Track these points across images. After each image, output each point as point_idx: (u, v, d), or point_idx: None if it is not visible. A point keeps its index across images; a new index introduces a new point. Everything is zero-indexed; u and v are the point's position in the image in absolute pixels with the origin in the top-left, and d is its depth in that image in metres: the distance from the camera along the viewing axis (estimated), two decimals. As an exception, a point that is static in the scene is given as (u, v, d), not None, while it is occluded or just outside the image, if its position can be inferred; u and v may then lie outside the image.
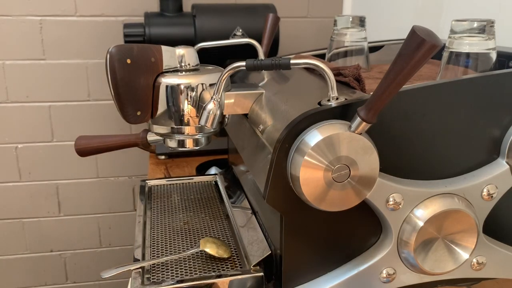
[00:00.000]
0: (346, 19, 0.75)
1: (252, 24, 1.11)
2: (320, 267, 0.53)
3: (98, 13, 1.27)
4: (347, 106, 0.47)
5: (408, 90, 0.48)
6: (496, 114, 0.51)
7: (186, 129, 0.61)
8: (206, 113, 0.54)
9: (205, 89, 0.59)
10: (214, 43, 0.75)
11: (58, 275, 1.47)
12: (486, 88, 0.51)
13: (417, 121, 0.49)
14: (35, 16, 1.24)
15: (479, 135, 0.52)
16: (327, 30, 0.80)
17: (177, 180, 0.88)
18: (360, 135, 0.44)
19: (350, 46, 0.75)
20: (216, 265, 0.60)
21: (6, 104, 1.29)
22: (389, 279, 0.53)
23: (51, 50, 1.28)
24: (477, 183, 0.52)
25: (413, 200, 0.50)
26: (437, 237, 0.50)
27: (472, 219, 0.51)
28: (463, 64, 0.56)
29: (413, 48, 0.38)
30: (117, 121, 1.35)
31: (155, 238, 0.67)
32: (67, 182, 1.39)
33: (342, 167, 0.44)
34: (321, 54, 0.83)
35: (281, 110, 0.54)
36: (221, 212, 0.76)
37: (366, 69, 0.76)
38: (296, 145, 0.45)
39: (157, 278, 0.57)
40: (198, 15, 1.10)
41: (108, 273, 0.56)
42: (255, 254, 0.59)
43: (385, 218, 0.50)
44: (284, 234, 0.51)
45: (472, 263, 0.54)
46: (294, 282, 0.53)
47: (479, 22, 0.55)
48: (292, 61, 0.49)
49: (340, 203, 0.46)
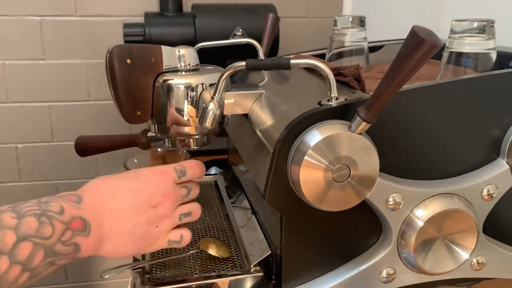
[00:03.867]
0: (346, 19, 0.75)
1: (252, 24, 1.11)
2: (320, 267, 0.53)
3: (98, 13, 1.27)
4: (347, 106, 0.47)
5: (408, 90, 0.48)
6: (496, 114, 0.51)
7: (186, 129, 0.61)
8: (206, 113, 0.54)
9: (205, 89, 0.59)
10: (214, 43, 0.75)
11: (58, 275, 1.47)
12: (486, 88, 0.51)
13: (417, 121, 0.49)
14: (35, 16, 1.24)
15: (479, 135, 0.52)
16: (327, 30, 0.80)
17: (177, 180, 0.88)
18: (360, 135, 0.44)
19: (350, 46, 0.75)
20: (216, 265, 0.60)
21: (6, 104, 1.29)
22: (389, 279, 0.53)
23: (51, 50, 1.28)
24: (477, 183, 0.52)
25: (413, 200, 0.50)
26: (437, 237, 0.50)
27: (472, 219, 0.51)
28: (463, 64, 0.56)
29: (413, 48, 0.38)
30: (117, 121, 1.35)
31: (155, 238, 0.67)
32: (67, 182, 1.39)
33: (342, 167, 0.44)
34: (321, 54, 0.83)
35: (281, 110, 0.54)
36: (221, 212, 0.76)
37: (366, 69, 0.76)
38: (296, 145, 0.45)
39: (157, 278, 0.57)
40: (198, 15, 1.10)
41: (108, 273, 0.56)
42: (255, 254, 0.59)
43: (385, 218, 0.50)
44: (284, 234, 0.51)
45: (472, 263, 0.54)
46: (294, 282, 0.53)
47: (479, 22, 0.55)
48: (292, 61, 0.49)
49: (340, 203, 0.46)
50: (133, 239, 0.48)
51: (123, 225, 0.47)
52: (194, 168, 0.53)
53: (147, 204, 0.49)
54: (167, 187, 0.50)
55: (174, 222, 0.51)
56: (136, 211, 0.48)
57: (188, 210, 0.53)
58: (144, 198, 0.49)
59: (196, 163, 0.54)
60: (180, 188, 0.52)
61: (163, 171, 0.51)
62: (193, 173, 0.53)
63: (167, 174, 0.51)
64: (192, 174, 0.53)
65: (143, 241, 0.49)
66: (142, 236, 0.49)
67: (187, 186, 0.53)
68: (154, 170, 0.51)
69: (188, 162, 0.54)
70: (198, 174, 0.54)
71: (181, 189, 0.52)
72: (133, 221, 0.48)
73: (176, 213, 0.52)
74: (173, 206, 0.51)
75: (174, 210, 0.51)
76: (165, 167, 0.52)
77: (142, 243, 0.49)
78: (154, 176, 0.50)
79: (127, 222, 0.48)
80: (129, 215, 0.48)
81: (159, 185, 0.50)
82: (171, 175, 0.51)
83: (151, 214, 0.49)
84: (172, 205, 0.51)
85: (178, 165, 0.52)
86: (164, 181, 0.50)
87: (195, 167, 0.53)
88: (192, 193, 0.54)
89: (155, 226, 0.49)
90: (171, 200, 0.50)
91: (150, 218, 0.49)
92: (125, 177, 0.51)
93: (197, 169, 0.53)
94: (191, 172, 0.53)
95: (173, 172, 0.51)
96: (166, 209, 0.50)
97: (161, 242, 0.51)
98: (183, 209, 0.52)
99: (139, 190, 0.49)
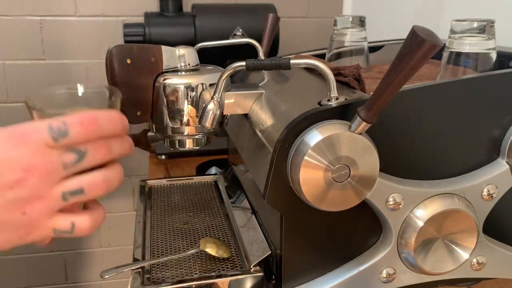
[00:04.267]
0: (346, 19, 0.75)
1: (252, 24, 1.11)
2: (320, 267, 0.53)
3: (98, 13, 1.27)
4: (347, 106, 0.47)
5: (408, 90, 0.48)
6: (496, 114, 0.51)
7: (186, 129, 0.61)
8: (206, 113, 0.54)
9: (205, 89, 0.59)
10: (214, 43, 0.75)
11: (58, 275, 1.47)
12: (486, 88, 0.51)
13: (417, 121, 0.49)
14: (35, 16, 1.24)
15: (479, 135, 0.52)
16: (327, 30, 0.80)
17: (177, 180, 0.88)
18: (360, 135, 0.44)
19: (350, 46, 0.75)
20: (216, 265, 0.60)
21: (6, 104, 1.29)
22: (389, 279, 0.53)
23: (51, 50, 1.27)
24: (477, 183, 0.52)
25: (413, 200, 0.50)
26: (437, 237, 0.50)
27: (472, 219, 0.51)
28: (463, 64, 0.56)
29: (413, 48, 0.38)
30: (117, 121, 1.35)
31: (155, 238, 0.67)
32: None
33: (342, 167, 0.44)
34: (321, 54, 0.83)
35: (281, 110, 0.54)
36: (221, 212, 0.76)
37: (366, 69, 0.76)
38: (296, 145, 0.45)
39: (157, 278, 0.57)
40: (198, 15, 1.10)
41: (108, 273, 0.56)
42: (255, 254, 0.59)
43: (385, 218, 0.50)
44: (284, 234, 0.51)
45: (472, 263, 0.54)
46: (294, 282, 0.53)
47: (479, 22, 0.55)
48: (292, 61, 0.49)
49: (340, 203, 0.46)
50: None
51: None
52: (83, 125, 0.36)
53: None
54: (32, 157, 0.35)
55: (52, 204, 0.37)
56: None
57: (77, 186, 0.37)
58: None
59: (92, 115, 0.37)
60: (61, 155, 0.36)
61: (24, 132, 0.36)
62: (82, 131, 0.36)
63: (30, 136, 0.35)
64: (81, 132, 0.36)
65: (10, 233, 0.37)
66: (5, 227, 0.37)
67: (77, 149, 0.36)
68: (10, 133, 0.36)
69: (79, 115, 0.36)
70: (92, 131, 0.36)
71: (64, 156, 0.36)
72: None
73: (56, 191, 0.37)
74: (44, 183, 0.36)
75: (51, 188, 0.36)
76: (30, 125, 0.36)
77: (10, 235, 0.37)
78: (7, 141, 0.35)
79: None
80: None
81: (15, 155, 0.35)
82: (38, 138, 0.35)
83: (9, 197, 0.35)
84: (42, 182, 0.36)
85: (56, 120, 0.36)
86: (25, 148, 0.35)
87: (85, 122, 0.36)
88: (89, 158, 0.37)
89: (21, 212, 0.36)
90: (40, 175, 0.36)
91: (8, 203, 0.36)
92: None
93: (89, 125, 0.36)
94: (78, 130, 0.36)
95: (44, 132, 0.35)
96: (31, 188, 0.36)
97: (42, 231, 0.38)
98: (70, 184, 0.37)
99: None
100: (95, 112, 0.37)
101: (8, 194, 0.35)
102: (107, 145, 0.38)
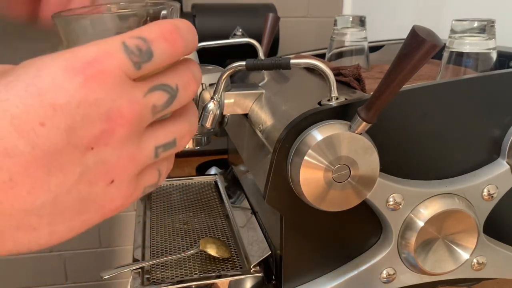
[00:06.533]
0: (346, 19, 0.75)
1: (252, 24, 1.11)
2: (320, 267, 0.53)
3: (98, 13, 1.27)
4: (347, 106, 0.47)
5: (408, 90, 0.48)
6: (496, 114, 0.51)
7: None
8: (206, 113, 0.54)
9: (205, 89, 0.59)
10: (214, 43, 0.75)
11: (58, 275, 1.47)
12: (486, 88, 0.50)
13: (417, 121, 0.49)
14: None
15: (479, 135, 0.52)
16: (327, 30, 0.80)
17: (177, 180, 0.88)
18: (360, 135, 0.44)
19: (350, 46, 0.75)
20: (216, 265, 0.60)
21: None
22: (389, 279, 0.53)
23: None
24: (477, 183, 0.52)
25: (413, 200, 0.50)
26: (438, 237, 0.50)
27: (472, 219, 0.51)
28: (464, 64, 0.56)
29: (413, 48, 0.38)
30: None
31: (155, 238, 0.67)
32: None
33: (342, 167, 0.44)
34: (321, 54, 0.83)
35: (281, 110, 0.54)
36: (221, 212, 0.75)
37: (366, 69, 0.76)
38: (296, 145, 0.45)
39: (157, 278, 0.57)
40: (198, 15, 1.10)
41: (108, 273, 0.56)
42: (255, 254, 0.59)
43: (385, 218, 0.50)
44: (284, 234, 0.51)
45: (472, 263, 0.54)
46: (294, 282, 0.53)
47: (480, 22, 0.55)
48: (292, 61, 0.49)
49: (340, 203, 0.46)
50: (63, 218, 0.24)
51: (24, 202, 0.22)
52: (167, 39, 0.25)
53: (71, 149, 0.22)
54: (113, 98, 0.23)
55: (142, 165, 0.26)
56: (48, 170, 0.22)
57: (170, 137, 0.27)
58: (58, 137, 0.22)
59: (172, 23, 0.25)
60: (146, 92, 0.25)
61: (89, 59, 0.23)
62: (168, 49, 0.25)
63: (100, 64, 0.23)
64: (167, 51, 0.25)
65: (94, 212, 0.25)
66: (87, 206, 0.24)
67: (166, 85, 0.25)
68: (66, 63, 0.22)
69: (158, 25, 0.25)
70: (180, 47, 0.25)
71: (152, 94, 0.25)
72: (50, 187, 0.22)
73: (147, 146, 0.26)
74: (134, 136, 0.25)
75: (140, 141, 0.25)
76: (94, 47, 0.23)
77: (92, 216, 0.25)
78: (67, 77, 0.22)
79: (36, 193, 0.22)
80: (33, 180, 0.22)
81: (87, 97, 0.22)
82: (113, 65, 0.23)
83: (90, 162, 0.23)
84: (131, 134, 0.24)
85: (130, 36, 0.24)
86: (98, 83, 0.23)
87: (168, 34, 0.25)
88: (180, 97, 0.26)
89: (107, 181, 0.24)
90: (128, 125, 0.24)
91: (89, 171, 0.23)
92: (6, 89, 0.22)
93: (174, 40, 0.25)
94: (163, 47, 0.25)
95: (120, 55, 0.23)
96: (119, 144, 0.24)
97: (132, 199, 0.27)
98: (161, 135, 0.26)
99: (44, 122, 0.21)
100: (173, 20, 0.26)
101: (88, 159, 0.23)
102: (192, 75, 0.27)
